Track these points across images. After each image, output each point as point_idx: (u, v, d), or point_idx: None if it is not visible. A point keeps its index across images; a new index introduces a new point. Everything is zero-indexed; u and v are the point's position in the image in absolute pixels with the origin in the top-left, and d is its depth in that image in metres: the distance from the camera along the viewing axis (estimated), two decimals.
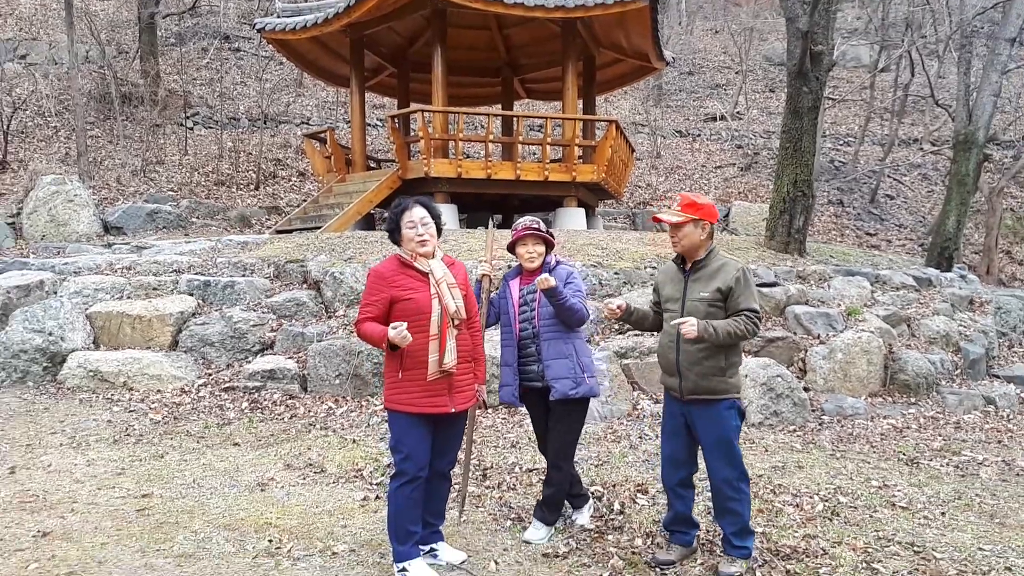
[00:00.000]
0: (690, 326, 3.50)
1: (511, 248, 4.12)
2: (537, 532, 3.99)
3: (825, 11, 9.62)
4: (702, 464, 3.80)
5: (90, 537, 3.96)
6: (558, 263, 4.10)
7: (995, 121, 15.96)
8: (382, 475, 4.94)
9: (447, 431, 3.62)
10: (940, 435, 6.54)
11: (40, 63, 18.47)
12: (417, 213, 3.54)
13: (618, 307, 3.80)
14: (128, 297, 8.10)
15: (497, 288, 4.24)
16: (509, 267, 4.20)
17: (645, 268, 8.49)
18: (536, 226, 4.03)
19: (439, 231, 3.62)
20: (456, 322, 3.53)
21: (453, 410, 3.53)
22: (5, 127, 14.42)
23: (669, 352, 3.72)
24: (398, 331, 3.28)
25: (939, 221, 12.68)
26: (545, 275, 3.81)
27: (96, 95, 17.44)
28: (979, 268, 15.42)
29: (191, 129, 17.97)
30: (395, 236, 3.60)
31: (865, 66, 24.56)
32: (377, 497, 4.54)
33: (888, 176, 19.62)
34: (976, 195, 15.32)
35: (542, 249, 4.04)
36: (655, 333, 7.45)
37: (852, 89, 23.69)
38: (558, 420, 3.97)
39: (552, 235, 4.11)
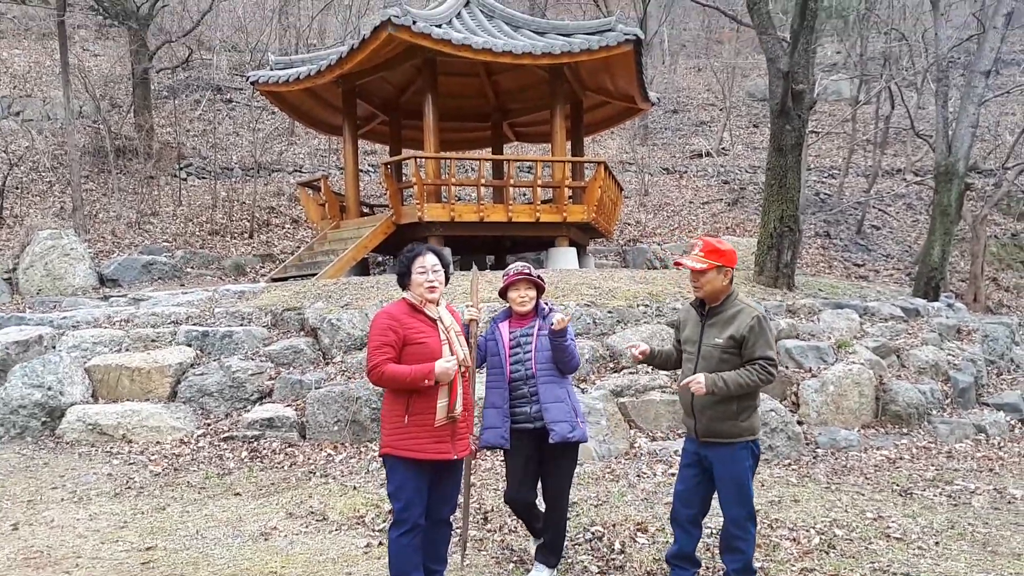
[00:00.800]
0: (697, 384, 3.59)
1: (503, 293, 4.23)
2: (540, 574, 4.05)
3: (805, 51, 9.91)
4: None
5: None
6: (551, 309, 4.20)
7: (975, 150, 16.31)
8: (384, 521, 4.99)
9: (448, 478, 3.69)
10: (933, 465, 6.63)
11: (35, 119, 18.73)
12: (429, 260, 3.62)
13: (641, 352, 3.88)
14: (126, 349, 8.17)
15: (483, 331, 4.30)
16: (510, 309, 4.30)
17: (638, 306, 8.62)
18: (527, 271, 4.14)
19: (447, 280, 3.71)
20: (463, 369, 3.63)
21: (455, 457, 3.60)
22: (1, 183, 14.57)
23: (685, 393, 3.77)
24: (453, 363, 3.39)
25: (924, 251, 12.90)
26: (561, 315, 3.92)
27: (90, 149, 17.66)
28: (966, 296, 15.61)
29: (185, 180, 18.19)
30: (404, 280, 3.66)
31: (846, 99, 25.06)
32: (380, 544, 4.59)
33: (873, 207, 19.93)
34: (960, 223, 15.60)
35: (533, 293, 4.13)
36: (650, 371, 7.57)
37: (834, 122, 24.15)
38: (555, 463, 4.06)
39: (543, 280, 4.22)
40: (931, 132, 18.04)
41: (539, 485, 4.20)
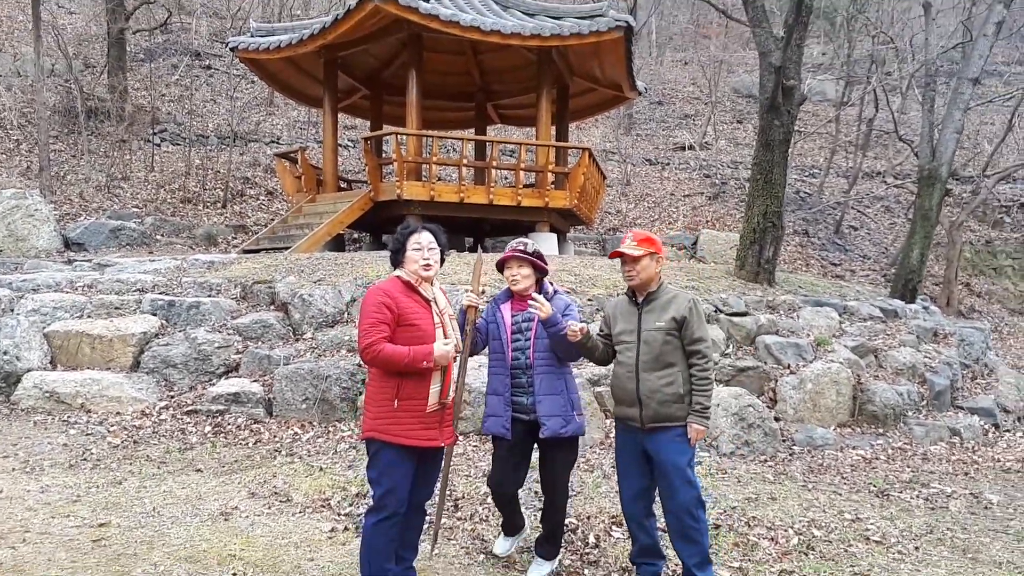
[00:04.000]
0: (698, 432, 3.66)
1: (500, 267, 4.01)
2: (541, 568, 3.92)
3: (797, 47, 9.80)
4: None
5: (43, 569, 3.78)
6: (555, 292, 4.00)
7: (956, 157, 16.39)
8: (350, 505, 4.81)
9: (429, 465, 3.55)
10: (908, 466, 6.58)
11: (4, 75, 18.10)
12: (425, 238, 3.51)
13: (580, 328, 3.72)
14: (88, 316, 7.85)
15: (480, 315, 4.02)
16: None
17: (618, 295, 8.46)
18: (522, 248, 3.90)
19: (442, 260, 3.58)
20: (454, 356, 3.48)
21: (442, 444, 3.48)
22: None
23: (628, 383, 3.76)
24: (451, 346, 3.30)
25: (903, 253, 12.91)
26: (541, 301, 3.66)
27: (61, 109, 17.11)
28: (940, 299, 15.74)
29: (158, 146, 17.70)
30: (398, 257, 3.54)
31: (830, 100, 25.12)
32: (345, 528, 4.41)
33: (852, 208, 20.01)
34: (936, 228, 15.68)
35: (527, 272, 3.87)
36: None
37: (818, 123, 24.19)
38: (551, 456, 3.92)
39: (543, 259, 3.96)
40: (913, 137, 18.11)
41: (523, 475, 4.08)
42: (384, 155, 13.82)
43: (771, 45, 9.63)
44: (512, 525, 4.14)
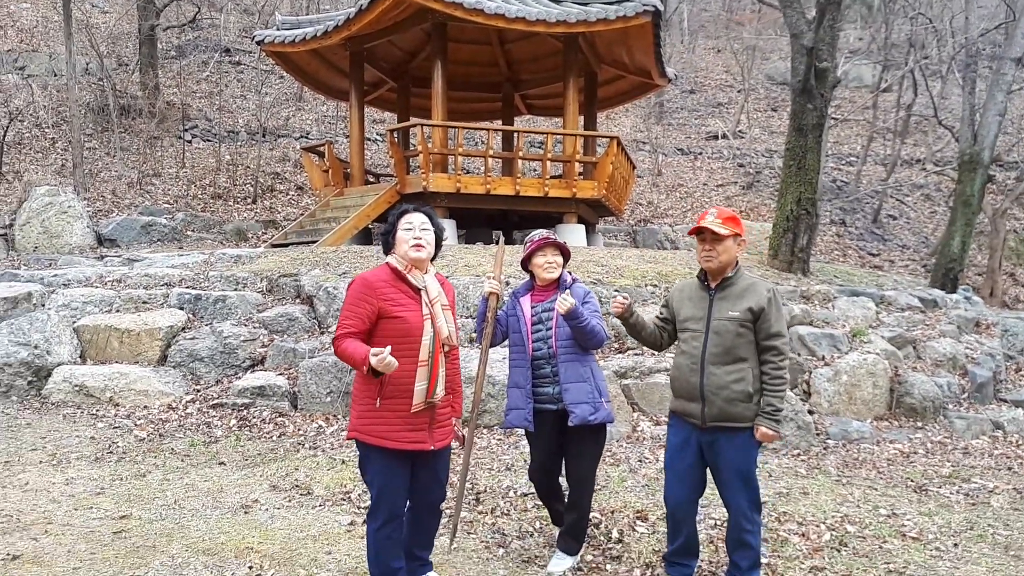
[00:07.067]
0: (766, 437, 3.38)
1: (524, 262, 3.97)
2: (562, 562, 3.82)
3: (830, 27, 9.52)
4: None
5: (62, 561, 3.77)
6: (575, 280, 3.94)
7: (998, 142, 15.89)
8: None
9: (428, 468, 3.34)
10: (948, 461, 6.35)
11: (39, 74, 18.41)
12: (417, 218, 3.29)
13: (623, 299, 3.59)
14: (117, 310, 7.92)
15: (502, 306, 3.98)
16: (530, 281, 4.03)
17: (646, 286, 8.32)
18: (553, 236, 3.91)
19: (439, 246, 3.37)
20: (447, 348, 3.30)
21: (432, 447, 3.25)
22: (0, 138, 14.29)
23: (691, 375, 3.45)
24: (380, 357, 2.90)
25: (944, 242, 12.54)
26: (565, 296, 3.62)
27: (95, 107, 17.33)
28: (982, 290, 15.25)
29: (189, 142, 17.87)
30: (389, 239, 3.32)
31: (867, 86, 24.54)
32: (364, 522, 4.34)
33: (891, 196, 19.52)
34: (979, 216, 15.21)
35: (560, 259, 3.88)
36: (655, 353, 7.29)
37: (855, 109, 23.64)
38: (579, 446, 3.82)
39: (567, 247, 3.97)
40: (954, 122, 17.59)
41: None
42: (411, 147, 13.77)
43: (803, 26, 9.37)
44: (559, 514, 4.06)
